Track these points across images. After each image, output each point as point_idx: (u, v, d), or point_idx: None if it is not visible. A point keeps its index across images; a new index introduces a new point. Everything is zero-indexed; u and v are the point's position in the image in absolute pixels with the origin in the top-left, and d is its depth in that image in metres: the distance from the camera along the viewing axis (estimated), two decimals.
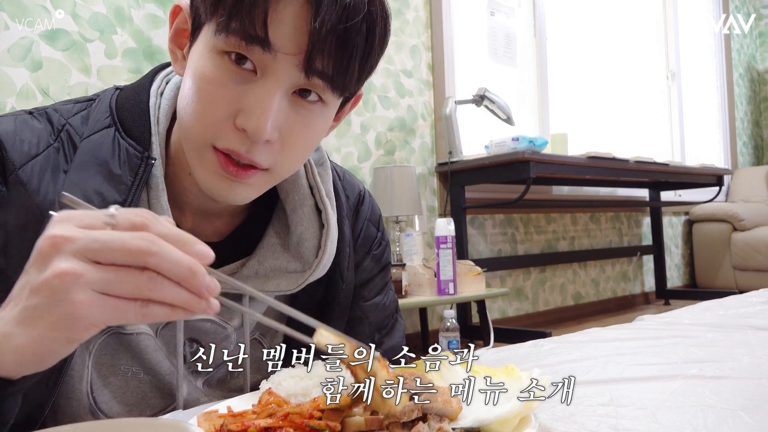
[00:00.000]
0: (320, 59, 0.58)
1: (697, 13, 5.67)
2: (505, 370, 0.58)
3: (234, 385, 0.78)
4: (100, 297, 0.40)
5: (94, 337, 0.68)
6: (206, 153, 0.62)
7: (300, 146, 0.65)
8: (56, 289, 0.39)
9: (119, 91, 0.73)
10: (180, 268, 0.41)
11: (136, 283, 0.41)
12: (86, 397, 0.68)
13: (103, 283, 0.40)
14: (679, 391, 0.67)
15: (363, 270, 0.86)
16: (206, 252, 0.43)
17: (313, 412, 0.48)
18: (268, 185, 0.67)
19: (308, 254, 0.76)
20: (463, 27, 3.66)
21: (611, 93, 4.65)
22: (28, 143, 0.65)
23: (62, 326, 0.41)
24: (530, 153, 2.94)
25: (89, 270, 0.40)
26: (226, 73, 0.59)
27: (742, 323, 1.09)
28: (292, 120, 0.62)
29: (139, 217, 0.42)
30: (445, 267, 2.73)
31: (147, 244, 0.40)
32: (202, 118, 0.61)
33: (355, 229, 0.85)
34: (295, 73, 0.59)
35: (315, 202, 0.78)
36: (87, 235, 0.40)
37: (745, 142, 6.09)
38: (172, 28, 0.67)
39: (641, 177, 4.02)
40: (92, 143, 0.66)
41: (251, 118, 0.59)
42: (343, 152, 3.00)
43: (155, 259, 0.40)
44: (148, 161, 0.66)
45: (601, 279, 4.42)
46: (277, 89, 0.59)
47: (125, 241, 0.40)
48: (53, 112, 0.70)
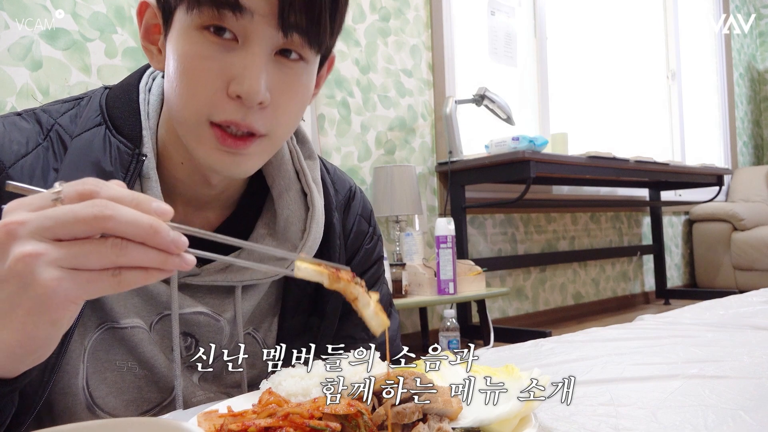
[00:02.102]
0: (293, 15, 0.60)
1: (697, 13, 5.67)
2: (505, 370, 0.59)
3: (230, 381, 0.78)
4: (69, 272, 0.40)
5: (89, 333, 0.68)
6: (203, 130, 0.63)
7: (291, 107, 0.66)
8: (22, 273, 0.39)
9: (108, 90, 0.74)
10: (140, 228, 0.40)
11: (102, 252, 0.40)
12: (82, 392, 0.68)
13: (69, 258, 0.40)
14: (679, 391, 0.67)
15: (356, 265, 0.87)
16: (164, 208, 0.42)
17: (313, 412, 0.48)
18: (267, 153, 0.68)
19: (294, 237, 0.77)
20: (463, 26, 3.66)
21: (611, 93, 4.65)
22: (17, 143, 0.66)
23: (39, 309, 0.40)
24: (530, 153, 2.94)
25: (49, 248, 0.39)
26: (209, 46, 0.61)
27: (742, 323, 1.09)
28: (280, 80, 0.63)
29: (86, 185, 0.41)
30: (445, 267, 2.73)
31: (99, 209, 0.40)
32: (195, 94, 0.62)
33: (347, 224, 0.86)
34: (274, 33, 0.61)
35: (301, 186, 0.79)
36: (38, 215, 0.40)
37: (745, 141, 6.09)
38: (141, 26, 0.68)
39: (641, 177, 4.02)
40: (83, 141, 0.67)
41: (243, 83, 0.60)
42: (343, 152, 3.00)
43: (112, 223, 0.40)
44: (139, 158, 0.68)
45: (601, 279, 4.42)
46: (261, 51, 0.61)
47: (76, 212, 0.40)
48: (41, 112, 0.71)
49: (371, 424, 0.49)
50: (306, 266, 0.50)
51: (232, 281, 0.74)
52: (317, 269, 0.51)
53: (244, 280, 0.75)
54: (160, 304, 0.72)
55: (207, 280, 0.73)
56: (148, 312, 0.72)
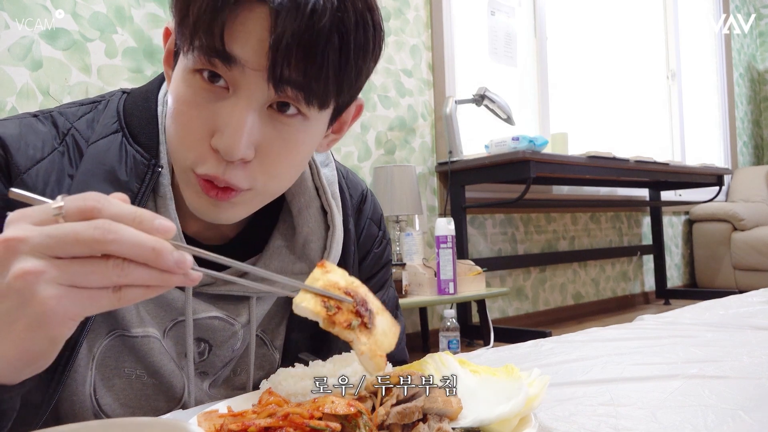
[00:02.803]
0: (287, 71, 0.56)
1: (697, 13, 5.67)
2: (505, 370, 0.58)
3: (237, 383, 0.78)
4: (69, 290, 0.40)
5: (99, 339, 0.68)
6: (190, 176, 0.62)
7: (282, 163, 0.63)
8: (21, 290, 0.39)
9: (126, 95, 0.72)
10: (142, 250, 0.40)
11: (103, 272, 0.40)
12: (89, 399, 0.67)
13: (69, 277, 0.40)
14: (679, 391, 0.67)
15: (364, 267, 0.87)
16: (167, 226, 0.42)
17: (313, 412, 0.48)
18: (257, 203, 0.66)
19: (314, 255, 0.76)
20: (463, 26, 3.65)
21: (611, 93, 4.65)
22: (33, 147, 0.65)
23: (37, 325, 0.40)
24: (530, 153, 2.94)
25: (50, 266, 0.39)
26: (199, 92, 0.59)
27: (742, 323, 1.09)
28: (270, 136, 0.60)
29: (88, 201, 0.41)
30: (445, 267, 2.73)
31: (100, 232, 0.39)
32: (182, 141, 0.61)
33: (358, 227, 0.86)
34: (264, 87, 0.57)
35: (321, 203, 0.78)
36: (40, 232, 0.39)
37: (745, 141, 6.09)
38: (165, 49, 0.67)
39: (641, 177, 4.02)
40: (99, 149, 0.66)
41: (223, 137, 0.57)
42: (343, 152, 3.00)
43: (114, 246, 0.39)
44: (155, 169, 0.66)
45: (601, 279, 4.42)
46: (249, 105, 0.57)
47: (78, 232, 0.39)
48: (58, 115, 0.69)
49: (371, 424, 0.49)
50: (304, 305, 0.50)
51: (248, 291, 0.73)
52: (314, 310, 0.51)
53: (259, 292, 0.74)
54: (175, 310, 0.71)
55: (222, 289, 0.72)
56: (162, 318, 0.71)
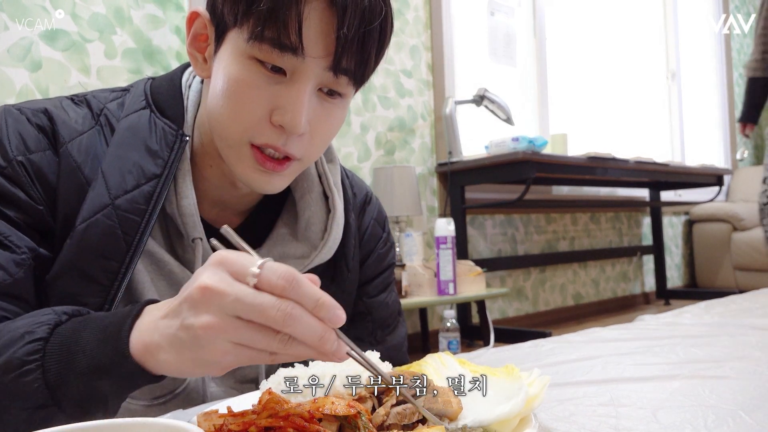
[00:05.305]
0: (346, 60, 0.64)
1: (697, 13, 5.67)
2: (505, 370, 0.59)
3: (241, 375, 0.80)
4: (236, 347, 0.46)
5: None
6: (244, 150, 0.68)
7: (325, 136, 0.71)
8: (201, 337, 0.46)
9: (151, 80, 0.78)
10: (311, 336, 0.45)
11: (270, 342, 0.46)
12: None
13: (241, 337, 0.45)
14: (679, 391, 0.67)
15: (368, 267, 0.89)
16: (339, 316, 0.46)
17: (314, 412, 0.48)
18: (297, 173, 0.74)
19: (315, 237, 0.81)
20: (463, 27, 3.65)
21: (611, 93, 4.65)
22: (74, 121, 0.71)
23: (201, 363, 0.48)
24: (530, 153, 2.94)
25: (231, 326, 0.45)
26: (259, 76, 0.64)
27: (742, 323, 1.09)
28: (319, 113, 0.68)
29: (281, 279, 0.45)
30: (445, 267, 2.73)
31: (283, 315, 0.44)
32: (238, 117, 0.66)
33: (362, 226, 0.89)
34: (323, 73, 0.65)
35: (323, 189, 0.82)
36: (235, 293, 0.44)
37: (745, 142, 6.09)
38: (190, 33, 0.71)
39: (641, 177, 4.02)
40: (130, 122, 0.72)
41: (286, 115, 0.64)
42: (343, 152, 3.00)
43: (289, 329, 0.45)
44: (183, 138, 0.72)
45: (601, 279, 4.42)
46: (307, 88, 0.65)
47: (265, 310, 0.44)
48: (92, 98, 0.75)
49: (371, 425, 0.49)
50: None
51: None
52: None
53: None
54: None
55: None
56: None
